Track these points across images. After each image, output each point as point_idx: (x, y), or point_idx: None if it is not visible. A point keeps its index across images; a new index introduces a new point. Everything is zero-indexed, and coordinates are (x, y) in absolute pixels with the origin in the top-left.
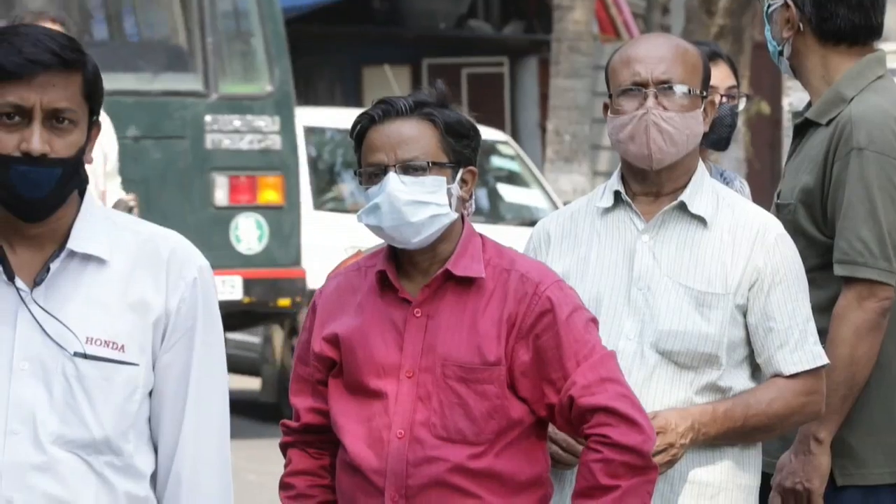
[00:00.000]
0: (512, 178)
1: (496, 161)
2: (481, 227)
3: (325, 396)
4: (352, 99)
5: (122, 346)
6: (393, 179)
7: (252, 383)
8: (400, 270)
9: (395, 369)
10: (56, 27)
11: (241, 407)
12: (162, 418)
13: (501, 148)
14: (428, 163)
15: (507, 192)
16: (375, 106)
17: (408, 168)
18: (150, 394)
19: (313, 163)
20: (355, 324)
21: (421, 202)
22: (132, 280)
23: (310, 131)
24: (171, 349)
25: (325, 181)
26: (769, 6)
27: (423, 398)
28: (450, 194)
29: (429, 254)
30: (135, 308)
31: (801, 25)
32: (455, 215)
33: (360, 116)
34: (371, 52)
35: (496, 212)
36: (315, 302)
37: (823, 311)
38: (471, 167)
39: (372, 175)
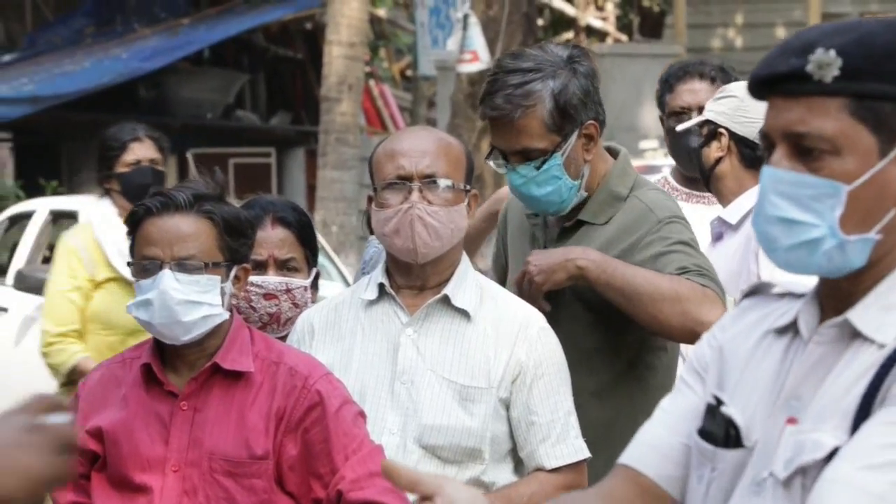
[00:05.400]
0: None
1: None
2: None
3: (88, 491)
4: None
5: None
6: (167, 277)
7: None
8: (165, 363)
9: (160, 463)
10: None
11: None
12: None
13: None
14: (205, 263)
15: None
16: (153, 197)
17: (183, 266)
18: None
19: None
20: (120, 417)
21: (194, 302)
22: None
23: None
24: None
25: None
26: None
27: (189, 493)
28: (223, 293)
29: (195, 348)
30: None
31: None
32: (227, 314)
33: (138, 206)
34: None
35: None
36: (78, 394)
37: (599, 396)
38: (245, 265)
39: (145, 269)
